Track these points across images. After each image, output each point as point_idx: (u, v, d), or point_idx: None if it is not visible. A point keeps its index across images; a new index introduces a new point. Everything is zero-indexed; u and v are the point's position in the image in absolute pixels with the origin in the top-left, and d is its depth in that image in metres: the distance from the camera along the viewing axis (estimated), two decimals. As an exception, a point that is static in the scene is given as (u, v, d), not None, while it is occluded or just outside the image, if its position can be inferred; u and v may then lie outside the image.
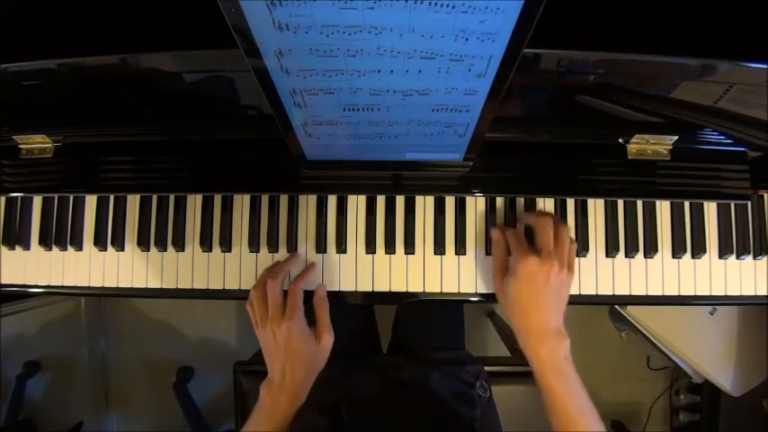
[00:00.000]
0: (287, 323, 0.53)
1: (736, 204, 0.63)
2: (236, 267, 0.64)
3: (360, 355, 0.76)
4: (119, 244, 0.65)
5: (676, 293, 0.63)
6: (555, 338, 0.50)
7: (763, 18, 0.45)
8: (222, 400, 1.43)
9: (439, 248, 0.62)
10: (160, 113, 0.60)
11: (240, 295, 0.63)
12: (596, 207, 0.63)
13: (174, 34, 0.46)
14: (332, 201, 0.64)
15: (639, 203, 0.63)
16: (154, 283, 0.65)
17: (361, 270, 0.63)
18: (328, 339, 0.56)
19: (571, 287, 0.55)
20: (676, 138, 0.58)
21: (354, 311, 0.83)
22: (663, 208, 0.63)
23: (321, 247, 0.63)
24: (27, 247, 0.66)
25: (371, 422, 0.61)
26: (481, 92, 0.40)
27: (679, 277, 0.63)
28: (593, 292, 0.62)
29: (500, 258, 0.56)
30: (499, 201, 0.63)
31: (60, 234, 0.66)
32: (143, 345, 1.45)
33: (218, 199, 0.65)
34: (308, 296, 0.59)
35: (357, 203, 0.64)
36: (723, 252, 0.63)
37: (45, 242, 0.66)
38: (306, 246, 0.63)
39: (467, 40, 0.34)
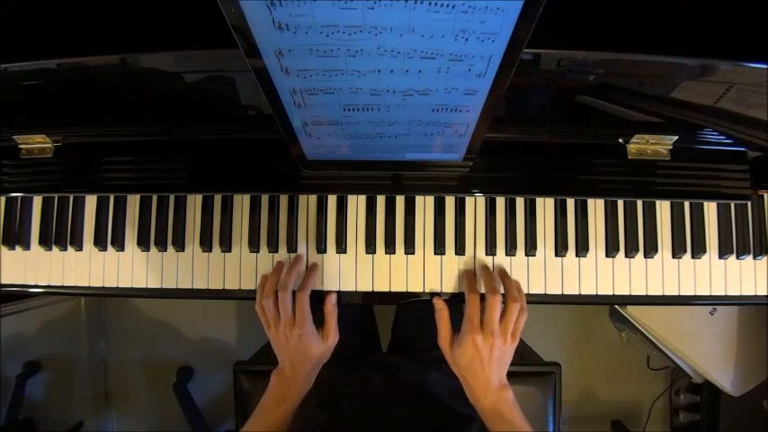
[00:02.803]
0: (298, 330, 0.57)
1: (736, 204, 0.63)
2: (236, 267, 0.64)
3: (360, 354, 0.76)
4: (119, 244, 0.65)
5: (676, 293, 0.63)
6: (497, 391, 0.56)
7: (763, 18, 0.45)
8: (222, 400, 1.43)
9: (439, 248, 0.62)
10: (160, 113, 0.60)
11: (240, 295, 0.63)
12: (596, 207, 0.63)
13: (174, 34, 0.46)
14: (332, 201, 0.64)
15: (639, 203, 0.63)
16: (154, 283, 0.65)
17: (360, 270, 0.63)
18: (334, 340, 0.61)
19: (571, 285, 0.57)
20: (676, 138, 0.58)
21: (354, 311, 0.83)
22: (663, 208, 0.63)
23: (321, 247, 0.63)
24: (27, 247, 0.66)
25: (371, 420, 0.62)
26: (481, 92, 0.40)
27: (679, 277, 0.63)
28: (593, 292, 0.62)
29: (446, 327, 0.59)
30: (499, 201, 0.63)
31: (60, 234, 0.66)
32: (143, 345, 1.45)
33: (218, 199, 0.65)
34: (314, 294, 0.60)
35: (357, 203, 0.64)
36: (723, 252, 0.63)
37: (45, 242, 0.66)
38: (306, 246, 0.64)
39: (467, 40, 0.34)
